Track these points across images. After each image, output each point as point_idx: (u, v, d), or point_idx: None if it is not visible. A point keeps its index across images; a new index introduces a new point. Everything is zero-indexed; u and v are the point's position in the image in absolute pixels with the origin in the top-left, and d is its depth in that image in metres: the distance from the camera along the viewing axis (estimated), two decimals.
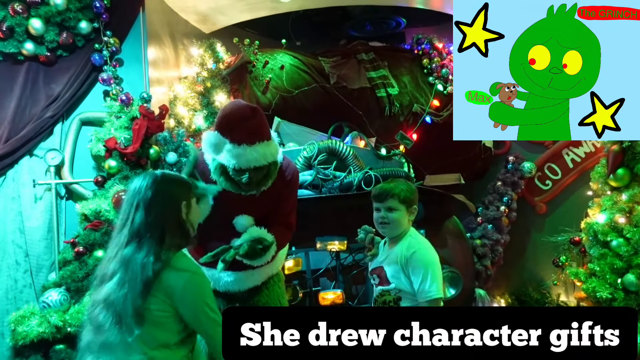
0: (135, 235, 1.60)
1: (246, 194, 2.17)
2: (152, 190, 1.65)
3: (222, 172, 2.10)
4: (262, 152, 2.02)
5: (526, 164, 4.86)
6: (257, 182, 2.12)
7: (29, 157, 3.34)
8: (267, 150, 2.05)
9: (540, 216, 4.93)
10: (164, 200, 1.66)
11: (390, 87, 4.47)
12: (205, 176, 2.19)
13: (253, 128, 2.04)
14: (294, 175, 2.32)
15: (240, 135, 2.01)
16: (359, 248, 3.28)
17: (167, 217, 1.66)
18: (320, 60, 4.44)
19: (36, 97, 3.33)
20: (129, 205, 1.66)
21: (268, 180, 2.15)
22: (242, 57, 4.15)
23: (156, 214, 1.63)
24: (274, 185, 2.21)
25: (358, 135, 4.02)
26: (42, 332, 2.84)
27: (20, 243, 3.26)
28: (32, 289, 3.24)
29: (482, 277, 4.43)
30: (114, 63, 3.44)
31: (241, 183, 2.10)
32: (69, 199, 3.42)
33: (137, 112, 3.31)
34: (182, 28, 4.47)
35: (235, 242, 2.12)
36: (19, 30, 3.23)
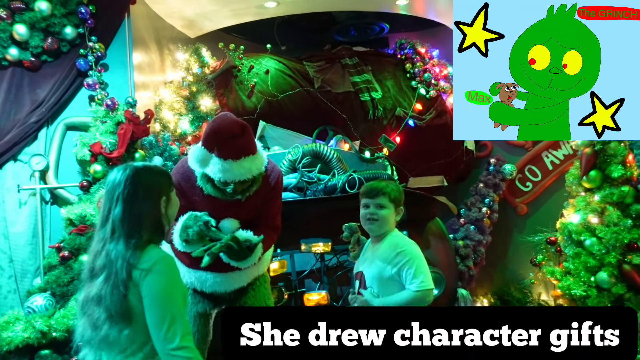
0: (117, 230, 1.60)
1: (231, 199, 2.21)
2: (132, 184, 1.63)
3: (207, 180, 2.15)
4: (247, 167, 2.07)
5: (507, 166, 4.97)
6: (242, 191, 2.17)
7: (13, 162, 3.34)
8: (253, 165, 2.10)
9: (521, 217, 5.04)
10: (145, 194, 1.64)
11: (374, 91, 4.54)
12: (191, 182, 2.23)
13: (240, 145, 2.07)
14: (279, 180, 2.37)
15: (228, 152, 2.04)
16: (343, 250, 3.34)
17: (146, 212, 1.64)
18: (305, 65, 4.49)
19: (21, 102, 3.33)
20: (110, 198, 1.63)
21: (252, 188, 2.20)
22: (228, 62, 4.19)
23: (136, 208, 1.62)
24: (258, 189, 2.26)
25: (342, 139, 4.07)
26: (27, 337, 2.84)
27: (4, 248, 3.26)
28: (17, 295, 3.23)
29: (465, 277, 4.51)
30: (99, 68, 3.46)
31: (226, 192, 2.15)
32: (53, 204, 3.43)
33: (122, 117, 3.33)
34: (168, 33, 4.50)
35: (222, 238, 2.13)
36: (3, 35, 3.24)
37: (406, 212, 3.44)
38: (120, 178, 1.64)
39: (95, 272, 1.61)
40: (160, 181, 1.72)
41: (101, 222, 1.65)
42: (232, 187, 2.11)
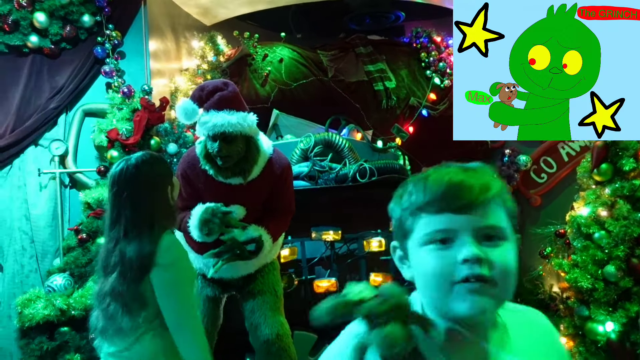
0: (126, 230, 1.64)
1: (236, 184, 2.25)
2: (137, 182, 1.64)
3: (205, 156, 2.20)
4: (229, 119, 2.09)
5: (522, 157, 4.92)
6: (235, 162, 2.17)
7: (34, 147, 3.44)
8: (236, 120, 2.11)
9: (534, 208, 5.00)
10: (152, 189, 1.67)
11: (388, 80, 4.52)
12: (196, 170, 2.28)
13: (223, 97, 2.14)
14: (285, 169, 2.38)
15: (210, 103, 2.12)
16: (353, 238, 3.39)
17: (156, 206, 1.68)
18: (318, 54, 4.50)
19: (40, 88, 3.42)
20: (117, 198, 1.65)
21: (249, 164, 2.21)
22: (242, 50, 4.22)
23: (146, 205, 1.65)
24: (263, 176, 2.29)
25: (355, 128, 4.09)
26: (47, 314, 2.96)
27: (26, 230, 3.38)
28: (38, 274, 3.36)
29: None
30: (116, 56, 3.53)
31: (219, 162, 2.16)
32: (72, 188, 3.53)
33: (138, 104, 3.40)
34: (183, 21, 4.54)
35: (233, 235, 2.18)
36: (24, 23, 3.31)
37: None
38: (124, 177, 1.65)
39: (108, 270, 1.67)
40: (163, 171, 1.75)
41: (111, 222, 1.68)
42: (217, 146, 2.10)
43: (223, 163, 2.17)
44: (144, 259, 1.61)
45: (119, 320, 1.63)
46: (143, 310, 1.63)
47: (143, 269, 1.62)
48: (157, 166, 1.73)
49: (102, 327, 1.68)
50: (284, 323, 2.40)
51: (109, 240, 1.69)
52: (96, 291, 1.74)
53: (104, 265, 1.71)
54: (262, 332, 2.33)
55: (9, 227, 3.36)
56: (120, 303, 1.62)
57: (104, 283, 1.69)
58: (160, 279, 1.63)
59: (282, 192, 2.41)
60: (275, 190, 2.38)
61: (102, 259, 1.72)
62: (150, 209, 1.66)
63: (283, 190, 2.41)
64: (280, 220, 2.40)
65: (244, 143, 2.19)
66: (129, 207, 1.63)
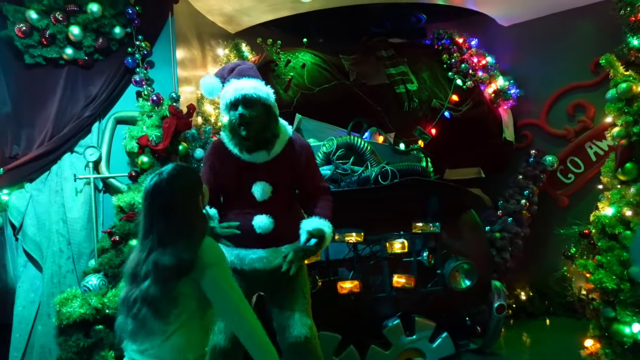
0: (161, 240, 1.69)
1: (261, 161, 2.31)
2: (171, 194, 1.70)
3: (230, 131, 2.32)
4: (248, 83, 2.24)
5: (548, 157, 4.86)
6: (257, 130, 2.25)
7: (70, 154, 3.61)
8: (255, 85, 2.26)
9: (562, 209, 4.92)
10: (185, 201, 1.73)
11: (410, 83, 4.55)
12: (221, 156, 2.38)
13: (241, 68, 2.32)
14: (306, 147, 2.45)
15: (230, 75, 2.32)
16: (375, 240, 3.42)
17: (192, 213, 1.74)
18: (340, 58, 4.56)
19: (76, 98, 3.59)
20: (151, 211, 1.71)
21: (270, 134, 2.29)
22: (265, 57, 4.32)
23: (181, 216, 1.71)
24: (286, 153, 2.35)
25: (377, 131, 4.12)
26: (83, 313, 3.10)
27: (63, 232, 3.55)
28: (74, 274, 3.52)
29: (501, 269, 4.49)
30: (145, 65, 3.67)
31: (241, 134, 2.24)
32: (106, 192, 3.69)
33: (166, 111, 3.54)
34: (208, 29, 4.68)
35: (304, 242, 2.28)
36: (60, 37, 3.49)
37: (439, 203, 3.50)
38: (157, 190, 1.71)
39: (139, 278, 1.72)
40: (193, 181, 1.81)
41: (144, 233, 1.74)
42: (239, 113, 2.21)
43: (246, 132, 2.24)
44: (182, 264, 1.67)
45: (151, 323, 1.69)
46: (175, 310, 1.70)
47: (180, 274, 1.68)
48: (188, 177, 1.80)
49: (131, 330, 1.73)
50: (312, 325, 2.36)
51: (141, 250, 1.74)
52: (123, 297, 1.77)
53: (132, 274, 1.75)
54: (290, 334, 2.30)
55: (47, 230, 3.54)
56: (152, 308, 1.68)
57: (132, 290, 1.73)
58: (212, 277, 1.71)
59: (309, 171, 2.43)
60: (300, 171, 2.39)
61: (131, 268, 1.77)
62: (186, 218, 1.72)
63: (310, 170, 2.43)
64: (322, 201, 2.42)
65: (264, 110, 2.27)
66: (164, 218, 1.70)
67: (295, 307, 2.36)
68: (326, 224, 2.31)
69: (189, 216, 1.74)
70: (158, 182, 1.73)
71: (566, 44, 4.84)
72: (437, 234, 3.47)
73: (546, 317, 4.79)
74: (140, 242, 1.76)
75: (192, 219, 1.75)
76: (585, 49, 4.71)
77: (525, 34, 5.09)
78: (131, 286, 1.75)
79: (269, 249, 2.35)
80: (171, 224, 1.70)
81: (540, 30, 4.99)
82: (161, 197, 1.71)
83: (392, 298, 3.42)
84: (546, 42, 4.96)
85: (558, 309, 4.77)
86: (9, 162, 3.43)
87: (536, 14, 4.94)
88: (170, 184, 1.73)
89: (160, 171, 1.77)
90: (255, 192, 2.33)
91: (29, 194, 3.53)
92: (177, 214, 1.71)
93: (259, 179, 2.33)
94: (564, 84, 4.89)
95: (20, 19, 3.42)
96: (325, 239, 2.30)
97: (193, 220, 1.75)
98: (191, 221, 1.74)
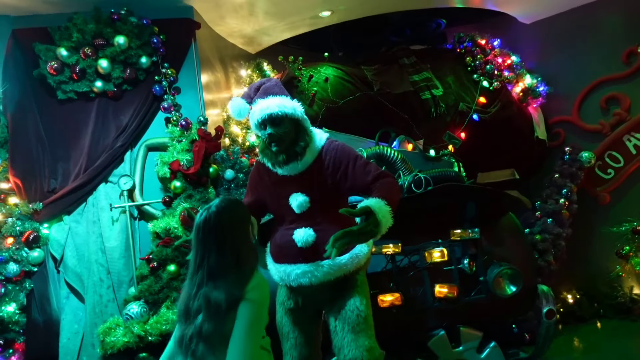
0: (212, 274, 1.70)
1: (294, 173, 2.25)
2: (221, 229, 1.70)
3: (262, 150, 2.31)
4: (272, 101, 2.21)
5: (584, 154, 4.70)
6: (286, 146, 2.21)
7: (104, 184, 3.68)
8: (279, 101, 2.22)
9: (603, 207, 4.73)
10: (236, 234, 1.73)
11: (435, 88, 4.49)
12: (260, 173, 2.39)
13: (266, 87, 2.29)
14: (340, 149, 2.30)
15: (256, 95, 2.29)
16: (413, 250, 3.34)
17: (241, 246, 1.73)
18: (362, 69, 4.55)
19: (107, 129, 3.67)
20: (202, 246, 1.71)
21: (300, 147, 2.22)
22: (288, 74, 4.34)
23: (229, 250, 1.70)
24: (318, 162, 2.26)
25: (405, 139, 4.06)
26: (127, 341, 3.12)
27: (102, 262, 3.60)
28: (115, 303, 3.56)
29: (545, 273, 4.32)
30: (172, 91, 3.73)
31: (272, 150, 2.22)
32: (141, 219, 3.73)
33: (195, 135, 3.57)
34: (230, 52, 4.75)
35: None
36: (90, 71, 3.59)
37: (476, 209, 3.40)
38: (207, 225, 1.72)
39: (191, 315, 1.72)
40: (241, 213, 1.82)
41: (195, 268, 1.74)
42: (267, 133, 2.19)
43: (277, 148, 2.22)
44: (232, 299, 1.67)
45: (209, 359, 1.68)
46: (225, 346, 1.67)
47: (230, 308, 1.67)
48: (236, 210, 1.81)
49: None
50: (371, 347, 2.19)
51: (192, 286, 1.74)
52: (179, 337, 1.76)
53: (184, 311, 1.75)
54: (345, 357, 2.15)
55: (87, 260, 3.59)
56: (208, 344, 1.67)
57: (187, 328, 1.73)
58: (244, 311, 1.68)
59: (353, 169, 2.24)
60: (341, 173, 2.25)
61: (183, 305, 1.77)
62: (236, 252, 1.72)
63: (353, 168, 2.25)
64: (383, 183, 2.18)
65: (292, 126, 2.23)
66: (214, 252, 1.70)
67: (348, 327, 2.20)
68: (373, 201, 2.00)
69: (239, 249, 1.74)
70: (207, 217, 1.74)
71: (592, 37, 4.71)
72: (477, 240, 3.36)
73: (597, 320, 4.57)
74: (189, 278, 1.76)
75: (242, 251, 1.75)
76: (613, 40, 4.58)
77: (549, 30, 4.99)
78: (185, 324, 1.74)
79: (313, 263, 2.24)
80: (221, 258, 1.70)
81: (564, 25, 4.88)
82: (210, 231, 1.72)
83: (435, 309, 3.32)
84: (571, 36, 4.84)
85: (608, 311, 4.55)
86: (48, 197, 3.52)
87: (558, 9, 4.85)
88: (218, 218, 1.74)
89: (208, 206, 1.79)
90: (292, 205, 2.28)
91: (68, 226, 3.60)
92: (227, 247, 1.72)
93: (294, 191, 2.28)
94: (594, 77, 4.75)
95: (51, 57, 3.53)
96: (375, 213, 1.94)
97: (243, 253, 1.75)
98: (241, 254, 1.74)
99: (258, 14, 4.30)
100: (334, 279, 2.27)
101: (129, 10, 3.67)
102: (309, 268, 2.24)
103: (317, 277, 2.24)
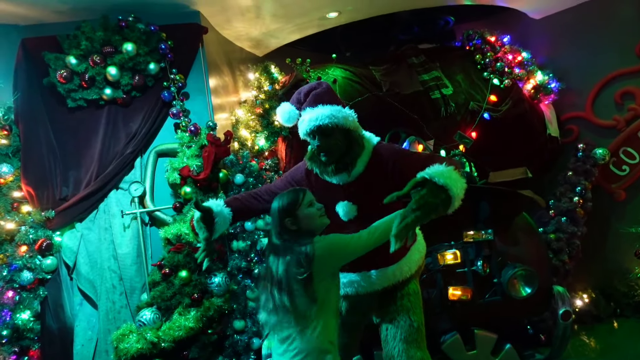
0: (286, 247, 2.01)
1: (342, 182, 2.21)
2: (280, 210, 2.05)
3: (310, 157, 2.28)
4: (322, 112, 2.12)
5: (598, 150, 4.61)
6: (337, 157, 2.16)
7: (115, 191, 3.69)
8: (329, 112, 2.13)
9: (619, 204, 4.65)
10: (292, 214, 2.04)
11: (444, 87, 4.43)
12: (299, 174, 2.37)
13: (316, 94, 2.20)
14: (391, 152, 2.22)
15: (306, 103, 2.20)
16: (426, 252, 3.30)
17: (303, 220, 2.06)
18: (371, 69, 4.50)
19: (117, 136, 3.68)
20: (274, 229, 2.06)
21: (351, 158, 2.16)
22: (296, 76, 4.31)
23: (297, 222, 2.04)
24: (370, 170, 2.18)
25: (416, 140, 4.03)
26: (140, 348, 3.13)
27: (114, 268, 3.61)
28: (128, 309, 3.57)
29: (561, 272, 4.25)
30: (181, 97, 3.73)
31: (321, 159, 2.18)
32: (152, 225, 3.74)
33: (205, 140, 3.57)
34: (237, 55, 4.74)
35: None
36: (99, 78, 3.60)
37: (489, 209, 3.35)
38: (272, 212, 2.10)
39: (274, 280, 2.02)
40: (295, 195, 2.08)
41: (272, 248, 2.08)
42: (316, 142, 2.15)
43: (326, 158, 2.17)
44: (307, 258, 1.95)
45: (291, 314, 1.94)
46: (311, 304, 1.94)
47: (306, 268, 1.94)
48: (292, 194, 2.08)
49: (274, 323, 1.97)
50: (422, 359, 2.13)
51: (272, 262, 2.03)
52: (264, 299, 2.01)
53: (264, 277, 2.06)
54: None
55: (100, 267, 3.61)
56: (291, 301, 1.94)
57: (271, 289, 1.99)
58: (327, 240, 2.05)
59: (410, 162, 2.12)
60: (397, 175, 2.14)
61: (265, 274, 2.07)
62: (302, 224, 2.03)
63: (410, 161, 2.14)
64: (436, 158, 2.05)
65: (342, 136, 2.16)
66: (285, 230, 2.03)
67: (399, 336, 2.15)
68: (428, 169, 1.79)
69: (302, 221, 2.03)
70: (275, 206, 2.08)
71: (605, 31, 4.62)
72: (491, 241, 3.32)
73: (614, 320, 4.49)
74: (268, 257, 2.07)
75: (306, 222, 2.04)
76: (627, 33, 4.48)
77: (560, 25, 4.90)
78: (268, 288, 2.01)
79: (359, 273, 2.22)
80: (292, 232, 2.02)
81: (575, 19, 4.79)
82: (275, 215, 2.06)
83: (449, 311, 3.28)
84: (582, 30, 4.75)
85: (626, 310, 4.47)
86: (59, 204, 3.54)
87: (568, 3, 4.75)
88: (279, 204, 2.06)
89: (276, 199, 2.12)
90: (339, 212, 2.24)
91: (80, 234, 3.62)
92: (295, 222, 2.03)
93: (342, 199, 2.24)
94: (607, 72, 4.65)
95: (61, 65, 3.55)
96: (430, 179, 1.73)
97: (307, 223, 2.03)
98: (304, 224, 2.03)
99: (265, 17, 4.28)
100: (381, 288, 2.25)
101: (136, 17, 3.67)
102: (356, 278, 2.23)
103: (363, 287, 2.24)
